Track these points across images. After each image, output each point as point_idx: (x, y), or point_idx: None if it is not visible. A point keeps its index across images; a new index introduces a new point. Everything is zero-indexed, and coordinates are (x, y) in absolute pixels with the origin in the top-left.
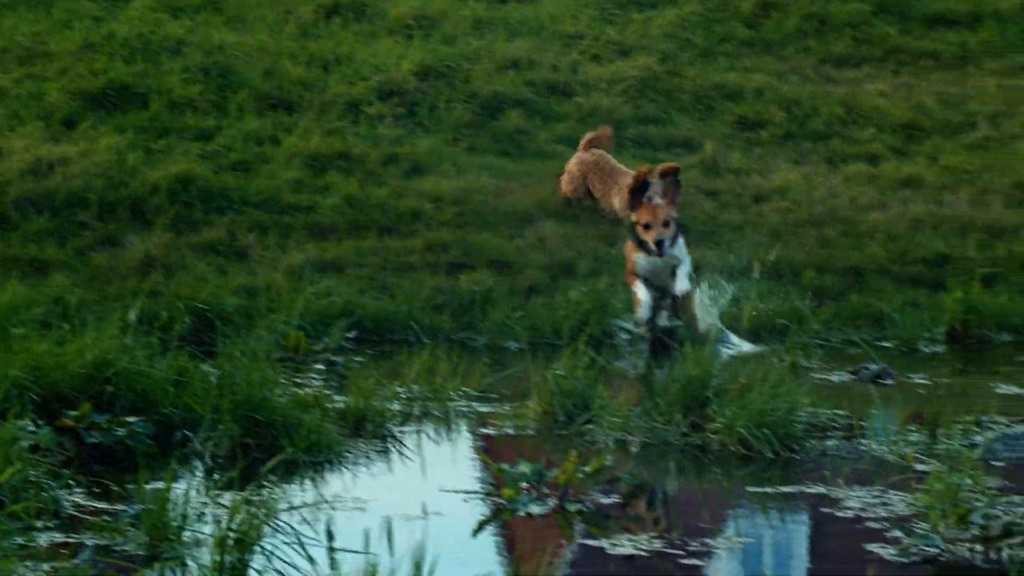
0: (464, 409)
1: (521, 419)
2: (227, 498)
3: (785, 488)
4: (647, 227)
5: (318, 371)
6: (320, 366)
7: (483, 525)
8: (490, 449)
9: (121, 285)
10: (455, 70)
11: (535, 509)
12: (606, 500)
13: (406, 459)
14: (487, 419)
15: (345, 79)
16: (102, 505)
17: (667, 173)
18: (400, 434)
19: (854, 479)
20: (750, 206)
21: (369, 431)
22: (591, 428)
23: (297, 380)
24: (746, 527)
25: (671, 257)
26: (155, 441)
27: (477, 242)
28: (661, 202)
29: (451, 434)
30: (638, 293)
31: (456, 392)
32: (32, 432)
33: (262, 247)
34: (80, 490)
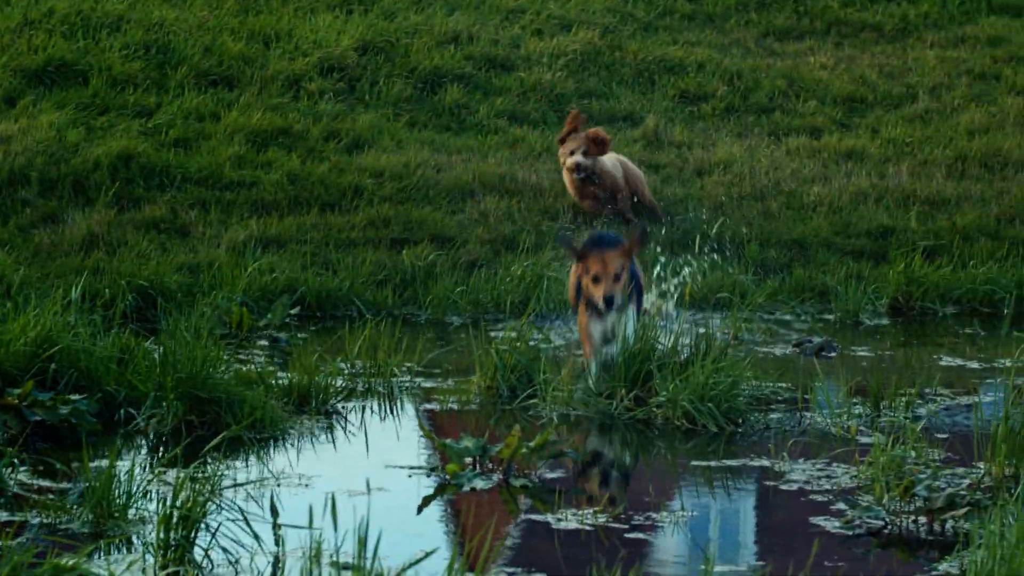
0: (408, 384)
1: (465, 394)
2: (171, 475)
3: (729, 462)
4: (596, 280)
5: (261, 348)
6: (263, 343)
7: (428, 500)
8: (434, 424)
9: (63, 262)
10: (395, 45)
11: (480, 484)
12: (551, 475)
13: (350, 435)
14: (431, 394)
15: (285, 55)
16: (46, 483)
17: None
18: (344, 410)
19: (798, 452)
20: (693, 180)
21: (313, 407)
22: (535, 403)
23: (240, 357)
24: (691, 501)
25: (618, 315)
26: (99, 419)
27: (419, 217)
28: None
29: (395, 410)
30: (588, 352)
31: (399, 367)
32: None
33: (204, 224)
34: (24, 468)
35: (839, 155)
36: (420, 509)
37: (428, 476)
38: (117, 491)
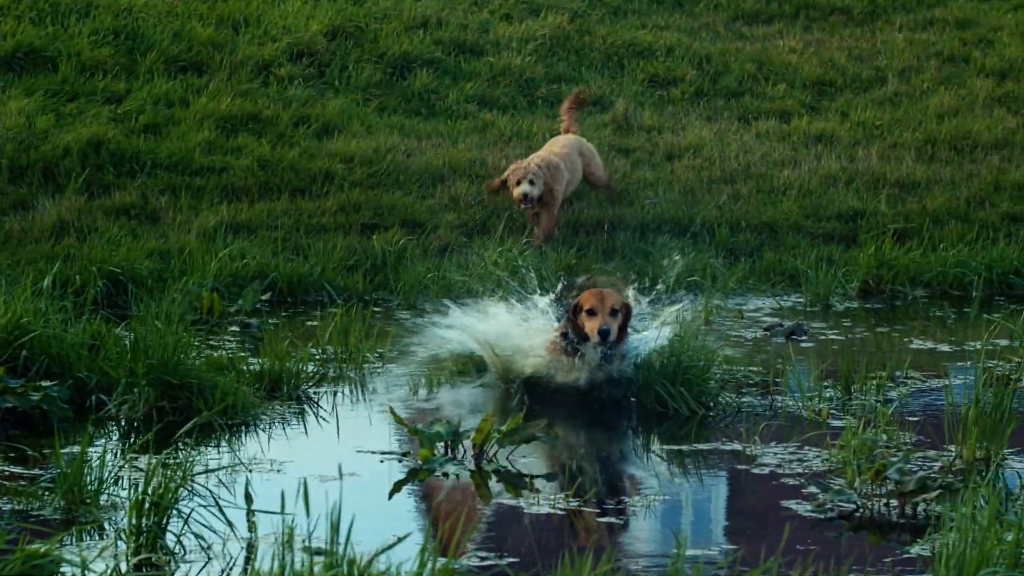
0: (379, 370)
1: (436, 379)
2: (143, 462)
3: (701, 445)
4: (591, 313)
5: (232, 333)
6: (234, 328)
7: (399, 486)
8: (406, 409)
9: (33, 249)
10: (364, 30)
11: (451, 469)
12: (523, 459)
13: (322, 421)
14: (402, 379)
15: (255, 40)
16: (18, 470)
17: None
18: (315, 396)
19: (770, 436)
20: (663, 164)
21: (284, 393)
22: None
23: (212, 343)
24: (663, 485)
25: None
26: (70, 405)
27: (389, 202)
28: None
29: (366, 395)
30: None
31: (371, 353)
32: None
33: (174, 209)
34: None
35: (809, 138)
36: (392, 494)
37: (400, 461)
38: (89, 477)
